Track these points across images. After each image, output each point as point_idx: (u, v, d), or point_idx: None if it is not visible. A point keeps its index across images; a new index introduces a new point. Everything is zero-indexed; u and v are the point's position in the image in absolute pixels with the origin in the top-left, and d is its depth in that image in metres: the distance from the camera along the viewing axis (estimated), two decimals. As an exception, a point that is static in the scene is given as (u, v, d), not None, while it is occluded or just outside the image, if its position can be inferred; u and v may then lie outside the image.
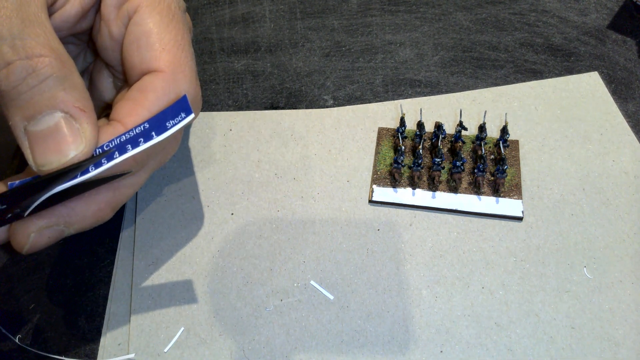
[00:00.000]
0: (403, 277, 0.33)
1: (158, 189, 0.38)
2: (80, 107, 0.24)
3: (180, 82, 0.28)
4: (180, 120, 0.25)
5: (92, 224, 0.28)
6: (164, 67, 0.28)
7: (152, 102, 0.27)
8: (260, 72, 0.46)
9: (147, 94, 0.27)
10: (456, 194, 0.36)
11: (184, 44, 0.29)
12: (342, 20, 0.49)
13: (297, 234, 0.36)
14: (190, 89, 0.29)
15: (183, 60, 0.29)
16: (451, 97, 0.43)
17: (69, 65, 0.24)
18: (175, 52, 0.28)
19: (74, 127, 0.24)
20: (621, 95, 0.42)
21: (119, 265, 0.35)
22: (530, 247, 0.34)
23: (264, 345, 0.31)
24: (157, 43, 0.28)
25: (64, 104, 0.24)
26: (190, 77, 0.29)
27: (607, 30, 0.47)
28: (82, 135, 0.24)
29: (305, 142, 0.40)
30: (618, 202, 0.36)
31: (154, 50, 0.28)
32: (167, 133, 0.25)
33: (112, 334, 0.32)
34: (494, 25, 0.48)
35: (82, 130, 0.24)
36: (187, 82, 0.28)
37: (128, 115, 0.27)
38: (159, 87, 0.27)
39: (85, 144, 0.24)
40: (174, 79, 0.28)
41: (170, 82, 0.28)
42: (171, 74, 0.28)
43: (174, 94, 0.28)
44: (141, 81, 0.28)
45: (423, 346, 0.31)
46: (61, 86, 0.24)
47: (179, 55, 0.28)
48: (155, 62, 0.28)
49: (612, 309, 0.32)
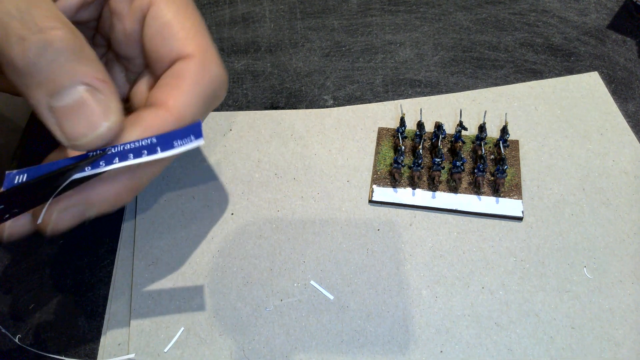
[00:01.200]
0: (403, 277, 0.33)
1: (158, 189, 0.38)
2: (102, 79, 0.24)
3: (211, 65, 0.29)
4: (189, 142, 0.25)
5: (112, 206, 0.28)
6: (193, 53, 0.28)
7: (190, 86, 0.28)
8: (260, 72, 0.46)
9: (184, 79, 0.28)
10: (456, 194, 0.36)
11: (203, 28, 0.30)
12: (342, 20, 0.49)
13: (297, 234, 0.36)
14: (220, 71, 0.29)
15: (208, 45, 0.29)
16: (451, 97, 0.43)
17: (81, 37, 0.24)
18: (199, 38, 0.29)
19: (99, 99, 0.24)
20: (621, 95, 0.42)
21: (119, 265, 0.35)
22: (530, 247, 0.34)
23: (264, 345, 0.31)
24: (181, 32, 0.29)
25: (85, 76, 0.24)
26: (218, 59, 0.29)
27: (607, 30, 0.47)
28: (109, 106, 0.24)
29: (305, 142, 0.40)
30: (618, 202, 0.36)
31: (179, 38, 0.28)
32: (172, 152, 0.25)
33: (112, 334, 0.32)
34: (494, 25, 0.48)
35: (108, 100, 0.24)
36: (217, 65, 0.29)
37: (170, 99, 0.27)
38: (193, 71, 0.28)
39: (115, 115, 0.24)
40: (205, 62, 0.28)
41: (203, 65, 0.28)
42: (202, 58, 0.28)
43: (208, 76, 0.28)
44: (174, 67, 0.28)
45: (423, 346, 0.31)
46: (79, 59, 0.24)
47: (203, 41, 0.29)
48: (183, 49, 0.28)
49: (612, 309, 0.32)
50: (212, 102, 0.30)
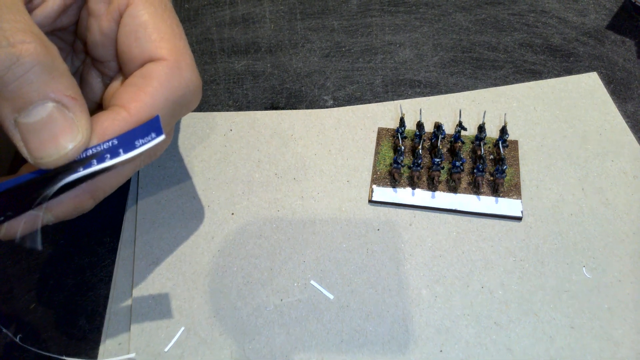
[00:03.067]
0: (403, 277, 0.33)
1: (158, 189, 0.38)
2: (72, 95, 0.24)
3: (183, 69, 0.28)
4: (150, 140, 0.24)
5: (71, 211, 0.27)
6: (166, 56, 0.28)
7: (156, 89, 0.27)
8: (261, 72, 0.46)
9: (151, 81, 0.27)
10: (456, 194, 0.36)
11: (180, 32, 0.29)
12: (342, 20, 0.49)
13: (297, 234, 0.36)
14: (193, 77, 0.28)
15: (183, 49, 0.28)
16: (451, 97, 0.43)
17: (53, 51, 0.24)
18: (174, 41, 0.28)
19: (68, 117, 0.23)
20: (620, 96, 0.42)
21: (120, 265, 0.35)
22: (529, 247, 0.34)
23: (264, 345, 0.31)
24: (156, 33, 0.28)
25: (55, 92, 0.23)
26: (191, 64, 0.29)
27: (606, 31, 0.47)
28: (77, 125, 0.24)
29: (305, 142, 0.40)
30: (617, 202, 0.36)
31: (152, 40, 0.28)
32: (134, 152, 0.24)
33: (112, 334, 0.32)
34: (494, 25, 0.48)
35: (77, 119, 0.24)
36: (189, 70, 0.28)
37: (132, 101, 0.26)
38: (162, 73, 0.27)
39: (82, 133, 0.24)
40: (178, 66, 0.28)
41: (174, 70, 0.27)
42: (174, 61, 0.28)
43: (178, 80, 0.27)
44: (144, 68, 0.28)
45: (423, 346, 0.31)
46: (49, 74, 0.23)
47: (178, 44, 0.28)
48: (157, 50, 0.28)
49: (611, 309, 0.32)
50: (180, 109, 0.29)
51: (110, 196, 0.39)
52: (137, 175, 0.39)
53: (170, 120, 0.28)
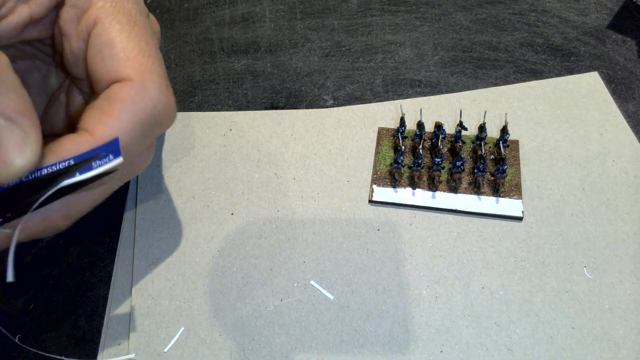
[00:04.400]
0: (403, 277, 0.33)
1: (158, 189, 0.38)
2: (20, 110, 0.23)
3: (149, 89, 0.27)
4: (108, 162, 0.24)
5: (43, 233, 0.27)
6: (131, 75, 0.27)
7: (121, 111, 0.26)
8: (260, 72, 0.46)
9: (115, 103, 0.26)
10: (456, 194, 0.36)
11: (149, 49, 0.28)
12: (342, 20, 0.49)
13: (297, 234, 0.36)
14: (161, 96, 0.27)
15: (150, 67, 0.27)
16: (451, 97, 0.43)
17: (1, 65, 0.23)
18: (140, 59, 0.27)
19: (15, 133, 0.22)
20: (621, 95, 0.42)
21: (119, 265, 0.35)
22: (530, 247, 0.34)
23: (264, 345, 0.31)
24: (122, 52, 0.27)
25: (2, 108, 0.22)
26: (159, 83, 0.27)
27: (607, 30, 0.47)
28: (26, 142, 0.23)
29: (305, 142, 0.40)
30: (618, 202, 0.36)
31: (118, 59, 0.27)
32: (90, 173, 0.24)
33: (112, 334, 0.32)
34: (494, 25, 0.48)
35: (26, 135, 0.23)
36: (156, 89, 0.27)
37: (96, 124, 0.25)
38: (127, 95, 0.26)
39: (31, 150, 0.23)
40: (143, 86, 0.27)
41: (139, 90, 0.27)
42: (139, 82, 0.27)
43: (144, 101, 0.27)
44: (109, 90, 0.27)
45: (423, 346, 0.31)
46: None
47: (145, 62, 0.27)
48: (121, 71, 0.27)
49: (612, 309, 0.32)
50: (151, 130, 0.28)
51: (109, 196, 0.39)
52: (137, 175, 0.39)
53: (140, 142, 0.27)
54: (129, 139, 0.26)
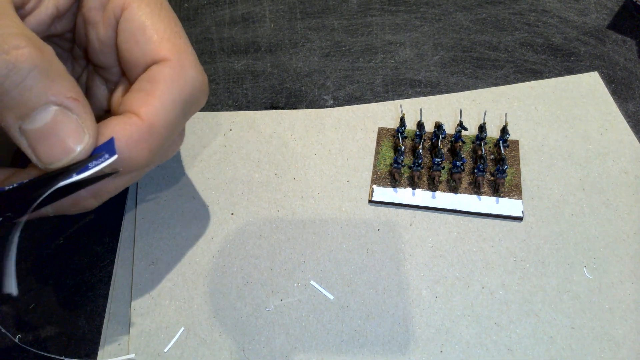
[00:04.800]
0: (403, 277, 0.33)
1: (158, 189, 0.38)
2: (73, 97, 0.23)
3: (187, 68, 0.28)
4: (103, 161, 0.24)
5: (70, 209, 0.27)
6: (168, 56, 0.27)
7: (164, 92, 0.26)
8: (260, 72, 0.46)
9: (158, 84, 0.26)
10: (456, 194, 0.36)
11: (179, 30, 0.29)
12: (342, 20, 0.49)
13: (297, 234, 0.36)
14: (197, 74, 0.28)
15: (184, 47, 0.28)
16: (451, 97, 0.43)
17: (49, 53, 0.23)
18: (174, 40, 0.28)
19: (72, 119, 0.23)
20: (621, 95, 0.42)
21: (119, 265, 0.35)
22: (530, 247, 0.34)
23: (264, 345, 0.31)
24: (155, 34, 0.27)
25: (56, 96, 0.23)
26: (194, 62, 0.28)
27: (607, 30, 0.47)
28: (82, 126, 0.23)
29: (305, 142, 0.40)
30: (618, 202, 0.36)
31: (153, 41, 0.27)
32: (86, 173, 0.24)
33: (112, 334, 0.32)
34: (494, 25, 0.48)
35: (82, 120, 0.23)
36: (193, 68, 0.28)
37: (142, 106, 0.26)
38: (167, 75, 0.27)
39: (88, 134, 0.23)
40: (181, 65, 0.27)
41: (178, 69, 0.27)
42: (177, 61, 0.27)
43: (184, 80, 0.27)
44: (148, 72, 0.27)
45: (423, 346, 0.31)
46: (48, 78, 0.22)
47: (178, 43, 0.28)
48: (158, 52, 0.27)
49: (612, 309, 0.31)
50: (190, 108, 0.28)
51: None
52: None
53: (181, 121, 0.28)
54: (173, 117, 0.27)
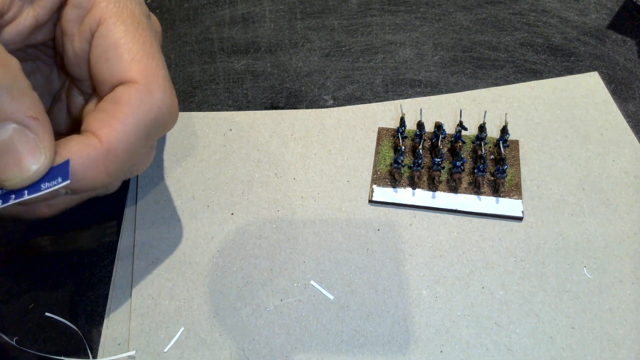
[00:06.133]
0: (403, 277, 0.33)
1: (158, 189, 0.38)
2: (33, 116, 0.23)
3: (155, 92, 0.27)
4: (56, 184, 0.24)
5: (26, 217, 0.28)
6: (136, 78, 0.27)
7: (127, 114, 0.26)
8: (260, 72, 0.46)
9: (122, 106, 0.26)
10: (456, 194, 0.36)
11: (153, 51, 0.28)
12: (342, 20, 0.49)
13: (297, 234, 0.36)
14: (165, 98, 0.27)
15: (155, 69, 0.27)
16: (451, 97, 0.43)
17: (14, 69, 0.23)
18: (145, 61, 0.27)
19: (30, 139, 0.23)
20: (621, 95, 0.42)
21: (119, 265, 0.35)
22: (530, 247, 0.34)
23: (264, 345, 0.31)
24: (126, 54, 0.27)
25: (15, 114, 0.22)
26: (164, 85, 0.27)
27: (607, 30, 0.47)
28: (40, 146, 0.23)
29: (305, 142, 0.40)
30: (618, 202, 0.36)
31: (123, 61, 0.27)
32: (37, 194, 0.24)
33: (112, 334, 0.32)
34: (494, 25, 0.48)
35: (40, 140, 0.23)
36: (161, 91, 0.27)
37: (102, 127, 0.25)
38: (132, 98, 0.26)
39: (44, 155, 0.23)
40: (148, 89, 0.27)
41: (145, 93, 0.26)
42: (144, 85, 0.27)
43: (149, 103, 0.26)
44: (114, 92, 0.27)
45: (423, 346, 0.31)
46: (8, 95, 0.22)
47: (150, 64, 0.27)
48: (126, 73, 0.27)
49: (612, 309, 0.32)
50: (155, 132, 0.28)
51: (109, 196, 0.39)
52: (137, 175, 0.39)
53: (144, 144, 0.27)
54: (134, 140, 0.26)
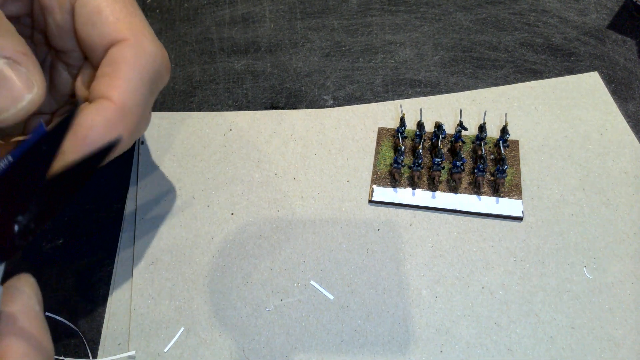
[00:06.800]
0: (403, 277, 0.33)
1: (158, 189, 0.38)
2: (22, 51, 0.24)
3: (145, 45, 0.28)
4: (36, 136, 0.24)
5: None
6: (126, 36, 0.28)
7: (127, 72, 0.27)
8: (260, 72, 0.46)
9: (121, 65, 0.27)
10: (456, 194, 0.36)
11: (134, 9, 0.29)
12: (342, 20, 0.49)
13: (297, 234, 0.36)
14: (157, 50, 0.29)
15: (140, 25, 0.29)
16: (451, 97, 0.43)
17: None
18: (130, 19, 0.28)
19: (21, 71, 0.24)
20: (621, 95, 0.42)
21: (119, 265, 0.35)
22: (530, 247, 0.34)
23: (264, 345, 0.31)
24: (111, 15, 0.28)
25: (4, 49, 0.23)
26: (152, 38, 0.29)
27: (607, 30, 0.47)
28: (31, 79, 0.24)
29: (305, 142, 0.40)
30: (618, 202, 0.36)
31: (109, 23, 0.28)
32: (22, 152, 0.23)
33: (112, 334, 0.32)
34: (494, 25, 0.48)
35: (30, 73, 0.24)
36: (152, 44, 0.28)
37: (110, 90, 0.27)
38: (128, 55, 0.27)
39: (37, 85, 0.24)
40: (140, 44, 0.28)
41: (137, 47, 0.28)
42: (135, 40, 0.28)
43: (144, 57, 0.28)
44: (109, 55, 0.28)
45: (423, 346, 0.31)
46: None
47: (135, 21, 0.29)
48: (115, 33, 0.28)
49: (612, 309, 0.32)
50: (156, 84, 0.29)
51: (109, 196, 0.39)
52: (137, 175, 0.39)
53: (149, 99, 0.29)
54: (141, 95, 0.28)
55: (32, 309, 0.23)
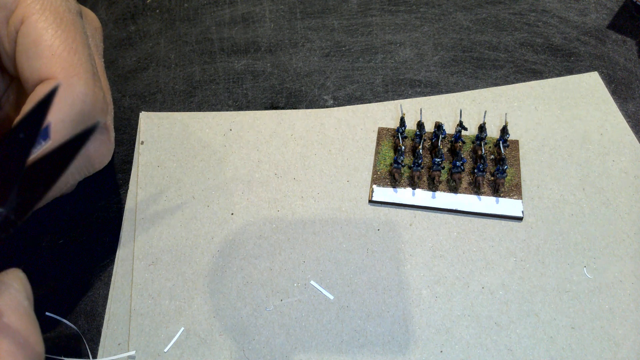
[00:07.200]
0: (403, 277, 0.33)
1: (158, 189, 0.38)
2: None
3: (75, 85, 0.27)
4: None
5: None
6: (56, 73, 0.27)
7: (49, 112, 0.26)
8: (260, 72, 0.46)
9: None
10: (456, 194, 0.36)
11: (77, 46, 0.28)
12: (342, 20, 0.49)
13: (297, 234, 0.36)
14: (88, 91, 0.27)
15: (77, 63, 0.27)
16: (451, 97, 0.43)
17: None
18: (66, 56, 0.27)
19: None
20: (621, 95, 0.42)
21: (119, 265, 0.35)
22: (530, 247, 0.34)
23: (264, 345, 0.31)
24: (47, 50, 0.27)
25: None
26: (86, 79, 0.27)
27: (607, 30, 0.47)
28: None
29: (305, 142, 0.40)
30: (618, 202, 0.36)
31: (43, 57, 0.27)
32: None
33: (112, 334, 0.32)
34: (494, 25, 0.48)
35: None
36: (82, 84, 0.27)
37: None
38: None
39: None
40: (68, 83, 0.27)
41: (64, 88, 0.26)
42: (65, 79, 0.27)
43: (70, 99, 0.26)
44: (36, 91, 0.27)
45: (423, 346, 0.31)
46: None
47: (71, 59, 0.27)
48: (46, 69, 0.27)
49: (612, 309, 0.31)
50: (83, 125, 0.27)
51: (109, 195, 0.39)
52: (137, 175, 0.39)
53: None
54: (62, 136, 0.26)
55: (20, 304, 0.21)
